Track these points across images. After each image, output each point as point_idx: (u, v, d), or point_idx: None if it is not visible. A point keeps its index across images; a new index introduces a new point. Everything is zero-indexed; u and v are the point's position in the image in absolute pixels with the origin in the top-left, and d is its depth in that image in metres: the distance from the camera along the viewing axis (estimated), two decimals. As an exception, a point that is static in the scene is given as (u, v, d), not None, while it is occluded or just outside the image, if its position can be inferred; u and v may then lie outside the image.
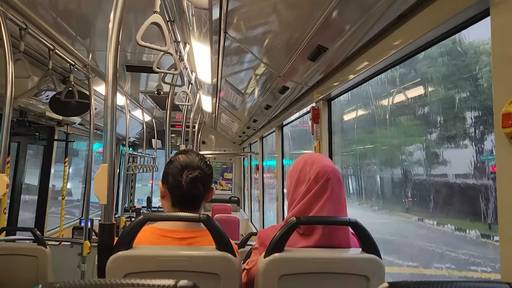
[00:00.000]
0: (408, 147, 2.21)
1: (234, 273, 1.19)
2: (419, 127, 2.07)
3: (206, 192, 1.42)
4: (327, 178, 1.36)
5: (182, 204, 1.39)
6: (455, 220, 1.74)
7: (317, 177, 1.36)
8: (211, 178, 1.43)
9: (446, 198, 1.81)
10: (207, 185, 1.41)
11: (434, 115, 1.93)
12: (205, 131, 8.62)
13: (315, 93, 2.72)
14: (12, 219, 4.25)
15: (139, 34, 1.53)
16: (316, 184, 1.36)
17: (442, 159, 1.82)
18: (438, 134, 1.91)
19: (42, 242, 2.39)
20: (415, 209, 2.05)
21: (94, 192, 1.24)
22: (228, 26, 2.26)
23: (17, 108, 3.64)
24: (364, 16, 1.57)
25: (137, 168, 6.29)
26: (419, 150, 2.04)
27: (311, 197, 1.36)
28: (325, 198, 1.35)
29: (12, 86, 2.04)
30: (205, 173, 1.39)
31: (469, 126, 1.66)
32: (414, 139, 2.11)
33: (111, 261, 1.14)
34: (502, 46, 1.05)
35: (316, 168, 1.38)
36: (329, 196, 1.35)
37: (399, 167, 2.26)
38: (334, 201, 1.35)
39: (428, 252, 1.96)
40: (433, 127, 1.95)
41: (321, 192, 1.35)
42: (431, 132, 1.98)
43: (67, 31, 2.63)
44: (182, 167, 1.37)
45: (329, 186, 1.36)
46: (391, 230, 2.37)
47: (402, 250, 2.26)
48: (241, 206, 8.72)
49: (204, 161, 1.44)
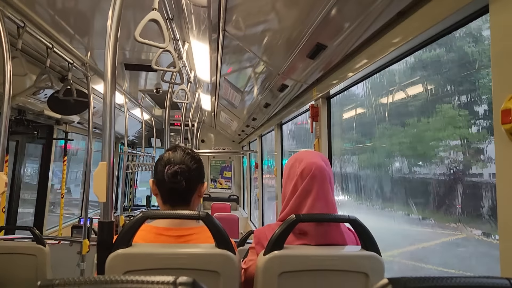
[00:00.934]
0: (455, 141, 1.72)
1: (234, 271, 1.19)
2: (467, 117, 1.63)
3: (192, 187, 1.41)
4: (312, 175, 1.36)
5: (171, 200, 1.40)
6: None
7: (303, 174, 1.37)
8: (197, 173, 1.42)
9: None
10: (191, 180, 1.39)
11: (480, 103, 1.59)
12: (204, 130, 8.62)
13: (314, 91, 2.72)
14: (11, 218, 4.25)
15: (137, 31, 1.53)
16: (302, 181, 1.37)
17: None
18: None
19: (41, 241, 2.38)
20: (470, 219, 1.59)
21: (93, 190, 1.24)
22: (227, 24, 2.26)
23: (15, 107, 3.63)
24: (363, 13, 1.56)
25: (136, 166, 6.29)
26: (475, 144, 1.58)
27: (300, 195, 1.36)
28: (313, 195, 1.35)
29: (10, 85, 2.04)
30: (188, 168, 1.39)
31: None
32: (465, 132, 1.65)
33: (110, 259, 1.14)
34: (501, 42, 1.05)
35: (302, 165, 1.39)
36: (316, 193, 1.35)
37: (442, 165, 1.79)
38: (323, 198, 1.36)
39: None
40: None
41: (308, 191, 1.36)
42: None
43: (65, 29, 2.63)
44: (165, 163, 1.39)
45: (315, 183, 1.36)
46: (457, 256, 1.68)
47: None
48: (241, 205, 8.72)
49: (189, 156, 1.43)
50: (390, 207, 2.07)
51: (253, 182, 7.44)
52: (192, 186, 1.41)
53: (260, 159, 5.95)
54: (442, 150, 1.80)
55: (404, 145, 2.12)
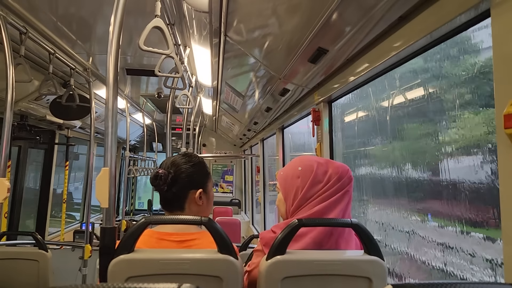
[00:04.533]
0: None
1: (237, 276, 1.18)
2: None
3: (179, 191, 1.40)
4: (349, 179, 1.37)
5: (164, 204, 1.42)
6: None
7: (340, 177, 1.36)
8: (187, 178, 1.41)
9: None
10: (177, 185, 1.39)
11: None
12: (205, 134, 8.62)
13: (316, 95, 2.72)
14: (13, 224, 4.25)
15: (141, 39, 1.53)
16: (337, 185, 1.36)
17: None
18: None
19: (43, 246, 2.38)
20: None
21: (96, 195, 1.24)
22: (228, 29, 2.27)
23: (17, 112, 3.64)
24: (365, 18, 1.57)
25: (138, 171, 6.29)
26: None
27: (338, 197, 1.35)
28: (347, 200, 1.36)
29: (12, 91, 2.04)
30: (173, 173, 1.39)
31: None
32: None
33: (113, 265, 1.13)
34: (503, 47, 1.05)
35: (336, 167, 1.38)
36: (350, 198, 1.37)
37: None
38: (349, 203, 1.37)
39: None
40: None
41: (343, 194, 1.35)
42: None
43: (67, 35, 2.64)
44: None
45: (351, 187, 1.37)
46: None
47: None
48: (242, 209, 8.71)
49: (183, 160, 1.44)
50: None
51: (255, 185, 7.43)
52: (180, 191, 1.41)
53: (261, 163, 5.95)
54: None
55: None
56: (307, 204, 1.37)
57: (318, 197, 1.36)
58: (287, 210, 1.43)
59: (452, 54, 1.64)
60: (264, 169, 5.94)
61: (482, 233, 1.46)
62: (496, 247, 1.37)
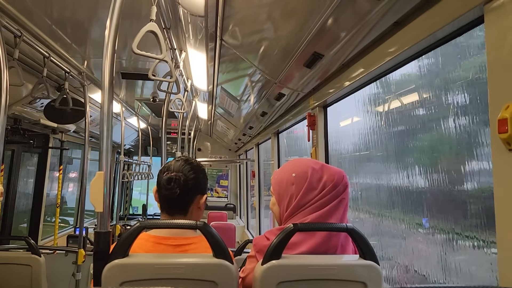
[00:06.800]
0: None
1: (232, 281, 1.18)
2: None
3: (189, 196, 1.40)
4: (345, 186, 1.36)
5: (168, 207, 1.40)
6: None
7: (335, 185, 1.34)
8: (195, 183, 1.41)
9: None
10: (187, 189, 1.39)
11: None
12: (200, 138, 8.61)
13: (311, 100, 2.73)
14: (5, 228, 4.21)
15: (135, 43, 1.53)
16: (332, 193, 1.34)
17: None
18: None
19: (36, 251, 2.36)
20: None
21: (90, 199, 1.23)
22: (224, 33, 2.27)
23: (11, 116, 3.62)
24: (360, 23, 1.58)
25: (132, 175, 6.26)
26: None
27: (333, 205, 1.33)
28: (342, 208, 1.34)
29: (6, 94, 2.03)
30: (185, 176, 1.39)
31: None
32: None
33: (107, 270, 1.12)
34: (496, 52, 1.06)
35: (331, 174, 1.36)
36: (346, 206, 1.36)
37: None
38: (346, 212, 1.36)
39: None
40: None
41: (338, 202, 1.34)
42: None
43: (62, 39, 2.63)
44: (164, 170, 1.41)
45: (346, 194, 1.36)
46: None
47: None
48: (237, 214, 8.69)
49: (189, 165, 1.43)
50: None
51: (250, 190, 7.42)
52: (189, 195, 1.40)
53: (257, 168, 5.94)
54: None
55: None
56: (301, 211, 1.35)
57: (313, 205, 1.34)
58: (280, 215, 1.43)
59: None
60: (259, 174, 5.93)
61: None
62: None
